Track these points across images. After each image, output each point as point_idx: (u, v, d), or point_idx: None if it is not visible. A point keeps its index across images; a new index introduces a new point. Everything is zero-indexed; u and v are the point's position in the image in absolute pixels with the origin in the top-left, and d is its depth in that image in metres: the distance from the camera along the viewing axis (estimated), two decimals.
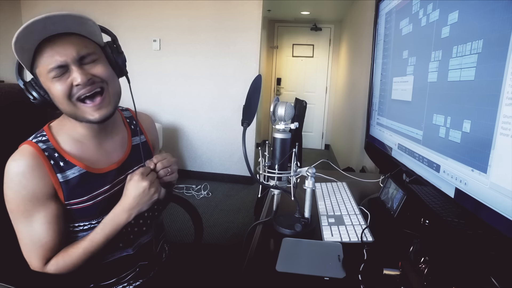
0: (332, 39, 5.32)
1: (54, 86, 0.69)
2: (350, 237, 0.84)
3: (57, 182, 0.72)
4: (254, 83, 0.85)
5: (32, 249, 0.71)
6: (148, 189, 0.73)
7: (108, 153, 0.82)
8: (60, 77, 0.68)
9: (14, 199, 0.69)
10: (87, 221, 0.77)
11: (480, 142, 0.62)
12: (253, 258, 0.77)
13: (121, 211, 0.73)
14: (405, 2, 1.04)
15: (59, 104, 0.71)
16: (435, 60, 0.82)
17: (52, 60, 0.67)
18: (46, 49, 0.67)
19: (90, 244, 0.73)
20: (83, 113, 0.72)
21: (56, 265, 0.72)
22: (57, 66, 0.67)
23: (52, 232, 0.72)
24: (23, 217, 0.70)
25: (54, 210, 0.72)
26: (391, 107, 1.17)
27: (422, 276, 0.63)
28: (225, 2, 3.21)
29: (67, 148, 0.75)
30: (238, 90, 3.32)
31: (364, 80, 2.71)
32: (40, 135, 0.74)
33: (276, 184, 0.88)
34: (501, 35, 0.57)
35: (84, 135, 0.78)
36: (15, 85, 0.83)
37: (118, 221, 0.74)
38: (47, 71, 0.68)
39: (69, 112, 0.72)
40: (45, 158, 0.71)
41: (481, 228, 0.62)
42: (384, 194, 1.06)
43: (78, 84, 0.68)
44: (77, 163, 0.75)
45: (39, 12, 0.59)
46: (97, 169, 0.78)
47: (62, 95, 0.69)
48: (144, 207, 0.74)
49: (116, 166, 0.82)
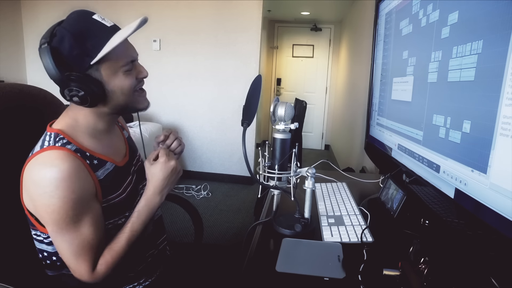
0: (332, 39, 5.32)
1: (126, 79, 0.73)
2: (350, 238, 0.84)
3: (96, 180, 0.72)
4: (254, 83, 0.85)
5: (81, 255, 0.68)
6: (175, 167, 0.78)
7: (117, 146, 0.85)
8: (131, 71, 0.74)
9: (62, 207, 0.64)
10: (121, 215, 0.78)
11: (480, 142, 0.62)
12: (253, 258, 0.77)
13: (153, 194, 0.77)
14: (405, 3, 1.04)
15: (121, 95, 0.74)
16: (435, 60, 0.82)
17: (128, 55, 0.73)
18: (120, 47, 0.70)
19: (131, 234, 0.74)
20: (137, 102, 0.78)
21: (105, 264, 0.71)
22: (132, 61, 0.74)
23: (98, 232, 0.71)
24: (71, 223, 0.66)
25: (98, 209, 0.72)
26: (391, 107, 1.17)
27: (422, 277, 0.63)
28: (225, 2, 3.21)
29: (91, 147, 0.74)
30: (238, 90, 3.32)
31: (364, 80, 2.71)
32: (58, 139, 0.70)
33: (276, 184, 0.88)
34: (501, 36, 0.57)
35: (101, 131, 0.78)
36: (16, 85, 0.83)
37: (152, 205, 0.77)
38: (121, 65, 0.72)
39: (125, 103, 0.75)
40: (81, 158, 0.70)
41: (481, 228, 0.62)
42: (384, 195, 1.06)
43: (145, 77, 0.78)
44: (107, 159, 0.77)
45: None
46: (118, 162, 0.81)
47: (131, 87, 0.75)
48: (173, 185, 0.79)
49: (128, 158, 0.86)
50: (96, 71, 0.69)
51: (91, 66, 0.68)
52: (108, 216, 0.75)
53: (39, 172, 0.65)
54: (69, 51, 0.66)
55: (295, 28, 5.42)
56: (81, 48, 0.66)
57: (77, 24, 0.68)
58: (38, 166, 0.66)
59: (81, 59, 0.67)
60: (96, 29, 0.68)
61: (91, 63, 0.68)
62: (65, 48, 0.66)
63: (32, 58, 3.54)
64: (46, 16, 3.42)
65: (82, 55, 0.67)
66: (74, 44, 0.66)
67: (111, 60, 0.70)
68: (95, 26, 0.68)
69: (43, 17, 3.43)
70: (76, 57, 0.67)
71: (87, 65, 0.68)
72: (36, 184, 0.65)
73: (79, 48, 0.66)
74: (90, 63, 0.67)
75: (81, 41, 0.66)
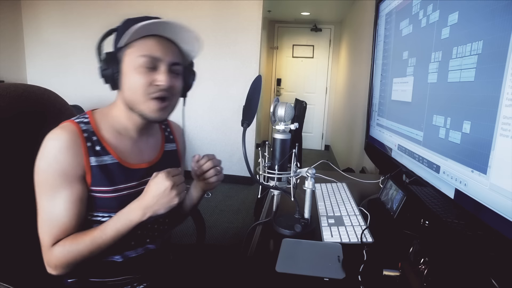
0: (332, 39, 5.33)
1: (137, 76, 0.71)
2: (350, 238, 0.84)
3: (88, 164, 0.72)
4: (254, 83, 0.85)
5: (48, 226, 0.70)
6: (170, 190, 0.69)
7: (141, 151, 0.83)
8: (147, 70, 0.71)
9: (44, 171, 0.69)
10: (106, 213, 0.76)
11: (480, 143, 0.62)
12: (253, 258, 0.77)
13: (137, 207, 0.71)
14: (405, 3, 1.04)
15: (128, 90, 0.73)
16: (435, 61, 0.82)
17: (149, 50, 0.71)
18: (152, 39, 0.72)
19: (99, 234, 0.70)
20: (146, 108, 0.74)
21: (62, 246, 0.69)
22: (152, 57, 0.71)
23: (72, 214, 0.71)
24: (48, 192, 0.69)
25: (79, 192, 0.71)
26: (391, 108, 1.17)
27: (422, 277, 0.63)
28: (225, 3, 3.21)
29: (105, 136, 0.76)
30: (238, 90, 3.32)
31: (364, 81, 2.71)
32: (82, 116, 0.76)
33: (276, 184, 0.88)
34: (501, 36, 0.57)
35: (126, 128, 0.79)
36: (20, 85, 0.83)
37: (131, 218, 0.70)
38: (138, 56, 0.71)
39: (132, 101, 0.74)
40: (84, 138, 0.72)
41: (481, 229, 0.62)
42: (384, 195, 1.06)
43: (159, 85, 0.72)
44: (112, 152, 0.76)
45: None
46: (127, 163, 0.79)
47: (140, 86, 0.72)
48: (161, 209, 0.70)
49: (147, 165, 0.83)
50: (122, 55, 0.73)
51: (119, 49, 0.73)
52: (92, 208, 0.75)
53: (46, 138, 0.70)
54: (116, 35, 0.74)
55: (295, 29, 5.42)
56: (119, 32, 0.73)
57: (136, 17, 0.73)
58: (49, 133, 0.71)
59: (116, 41, 0.74)
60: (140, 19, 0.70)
61: (118, 46, 0.73)
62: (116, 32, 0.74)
63: (32, 58, 3.54)
64: (46, 16, 3.43)
65: (117, 39, 0.73)
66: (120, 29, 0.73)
67: (133, 49, 0.72)
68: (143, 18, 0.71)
69: (43, 17, 3.44)
70: (116, 39, 0.74)
71: (116, 47, 0.74)
72: (41, 147, 0.70)
73: (120, 33, 0.72)
74: (117, 45, 0.73)
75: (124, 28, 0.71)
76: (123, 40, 0.70)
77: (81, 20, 3.41)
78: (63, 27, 3.44)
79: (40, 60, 3.53)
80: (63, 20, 3.42)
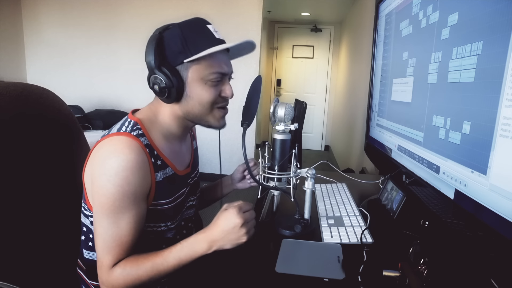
0: (332, 40, 5.33)
1: (207, 90, 0.73)
2: (350, 239, 0.84)
3: (154, 181, 0.71)
4: (254, 84, 0.85)
5: (110, 246, 0.67)
6: (239, 228, 0.67)
7: (184, 155, 0.84)
8: (216, 86, 0.74)
9: (113, 194, 0.65)
10: (163, 223, 0.76)
11: (480, 143, 0.62)
12: (253, 259, 0.77)
13: (203, 239, 0.68)
14: (405, 4, 1.04)
15: (196, 102, 0.73)
16: (435, 61, 0.82)
17: (220, 66, 0.73)
18: (221, 55, 0.74)
19: (161, 261, 0.67)
20: (212, 118, 0.76)
21: (123, 268, 0.67)
22: (221, 74, 0.73)
23: (134, 232, 0.68)
24: (113, 213, 0.66)
25: (143, 210, 0.70)
26: (391, 108, 1.17)
27: (422, 278, 0.63)
28: (225, 3, 3.21)
29: (159, 146, 0.74)
30: (238, 91, 3.28)
31: (364, 81, 2.71)
32: (135, 128, 0.71)
33: (276, 185, 0.88)
34: (500, 36, 0.57)
35: (174, 136, 0.78)
36: (19, 83, 0.83)
37: (196, 249, 0.68)
38: (209, 73, 0.72)
39: (198, 112, 0.75)
40: (148, 155, 0.69)
41: (481, 229, 0.62)
42: (384, 196, 1.06)
43: (227, 96, 0.76)
44: (170, 164, 0.76)
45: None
46: (178, 171, 0.79)
47: (211, 100, 0.73)
48: (228, 245, 0.69)
49: (190, 169, 0.85)
50: (185, 70, 0.71)
51: (183, 63, 0.71)
52: (149, 220, 0.73)
53: (107, 154, 0.66)
54: (172, 45, 0.70)
55: (295, 29, 5.42)
56: (182, 46, 0.70)
57: (190, 26, 0.72)
58: (109, 147, 0.67)
59: (178, 54, 0.70)
60: (204, 35, 0.72)
61: (184, 61, 0.70)
62: (169, 41, 0.70)
63: (32, 58, 3.54)
64: (47, 16, 3.43)
65: (180, 52, 0.70)
66: (178, 41, 0.70)
67: (202, 65, 0.71)
68: (204, 33, 0.72)
69: (44, 17, 3.44)
70: (175, 51, 0.70)
71: (179, 61, 0.71)
72: (100, 164, 0.66)
73: (181, 45, 0.70)
74: (184, 60, 0.70)
75: (186, 40, 0.70)
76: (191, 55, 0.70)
77: (81, 20, 3.41)
78: (63, 27, 3.44)
79: (40, 60, 3.53)
80: (63, 20, 3.43)
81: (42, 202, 0.80)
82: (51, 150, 0.84)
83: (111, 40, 3.41)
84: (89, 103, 3.39)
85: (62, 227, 0.84)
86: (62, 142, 0.87)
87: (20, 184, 0.76)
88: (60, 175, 0.86)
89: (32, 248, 0.76)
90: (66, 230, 0.85)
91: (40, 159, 0.81)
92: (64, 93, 1.06)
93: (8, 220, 0.72)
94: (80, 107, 3.02)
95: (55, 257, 0.82)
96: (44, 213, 0.80)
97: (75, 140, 0.92)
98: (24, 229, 0.76)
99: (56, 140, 0.85)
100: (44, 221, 0.80)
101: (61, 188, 0.85)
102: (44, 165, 0.82)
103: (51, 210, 0.82)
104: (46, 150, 0.83)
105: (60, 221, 0.84)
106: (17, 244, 0.73)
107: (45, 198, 0.81)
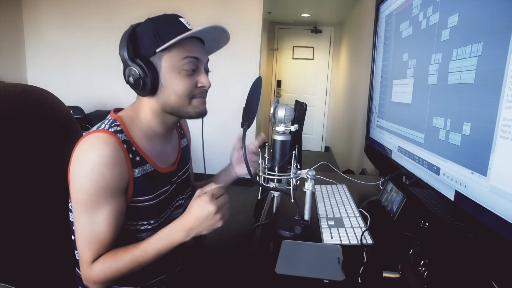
0: (332, 41, 5.33)
1: (182, 80, 0.72)
2: (350, 240, 0.84)
3: (131, 177, 0.71)
4: (254, 85, 0.85)
5: (89, 242, 0.68)
6: (214, 214, 0.68)
7: (168, 153, 0.83)
8: (191, 74, 0.73)
9: (88, 189, 0.66)
10: (145, 221, 0.76)
11: (480, 144, 0.62)
12: (253, 260, 0.77)
13: (180, 228, 0.69)
14: (405, 5, 1.04)
15: (173, 94, 0.73)
16: (435, 62, 0.82)
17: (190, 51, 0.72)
18: (191, 41, 0.72)
19: (140, 253, 0.69)
20: (191, 108, 0.75)
21: (103, 263, 0.68)
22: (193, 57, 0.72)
23: (113, 228, 0.69)
24: (90, 208, 0.67)
25: (121, 205, 0.70)
26: (391, 109, 1.17)
27: (422, 279, 0.63)
28: (225, 4, 3.21)
29: (139, 143, 0.74)
30: (238, 92, 3.32)
31: (364, 82, 2.71)
32: (114, 124, 0.71)
33: (276, 186, 0.88)
34: (501, 38, 0.57)
35: (156, 133, 0.78)
36: (18, 84, 0.83)
37: (174, 238, 0.69)
38: (180, 59, 0.71)
39: (176, 104, 0.74)
40: (125, 151, 0.70)
41: (481, 231, 0.62)
42: (384, 197, 1.06)
43: (203, 86, 0.75)
44: (149, 160, 0.75)
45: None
46: (161, 168, 0.79)
47: (186, 91, 0.73)
48: (204, 231, 0.70)
49: (175, 167, 0.84)
50: (158, 60, 0.71)
51: (155, 53, 0.71)
52: (131, 217, 0.74)
53: (84, 150, 0.67)
54: (144, 38, 0.71)
55: (295, 30, 5.43)
56: (154, 37, 0.70)
57: (161, 18, 0.73)
58: (86, 144, 0.68)
59: (150, 46, 0.71)
60: (175, 25, 0.72)
61: (156, 51, 0.70)
62: (142, 34, 0.71)
63: (32, 59, 3.54)
64: (47, 16, 3.43)
65: (152, 44, 0.70)
66: (151, 33, 0.71)
67: (173, 53, 0.71)
68: (175, 24, 0.73)
69: (44, 18, 3.45)
70: (148, 44, 0.71)
71: (152, 52, 0.71)
72: (78, 160, 0.67)
73: (153, 37, 0.70)
74: (156, 50, 0.70)
75: (157, 31, 0.70)
76: (162, 44, 0.69)
77: (82, 21, 3.41)
78: (64, 28, 3.44)
79: (41, 60, 3.53)
80: (64, 21, 3.43)
81: (40, 202, 0.80)
82: (51, 150, 0.84)
83: (112, 41, 3.39)
84: (89, 104, 3.39)
85: (60, 227, 0.84)
86: (61, 143, 0.87)
87: (19, 184, 0.76)
88: (59, 175, 0.86)
89: (32, 248, 0.76)
90: (64, 230, 0.84)
91: (39, 160, 0.81)
92: (65, 94, 1.05)
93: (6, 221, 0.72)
94: (81, 108, 3.02)
95: (54, 257, 0.82)
96: (42, 213, 0.80)
97: (74, 141, 0.92)
98: (22, 229, 0.76)
99: (55, 140, 0.86)
100: (42, 221, 0.80)
101: (60, 188, 0.85)
102: (43, 166, 0.82)
103: (50, 210, 0.82)
104: (46, 150, 0.83)
105: (58, 221, 0.83)
106: (17, 244, 0.73)
107: (44, 198, 0.81)
